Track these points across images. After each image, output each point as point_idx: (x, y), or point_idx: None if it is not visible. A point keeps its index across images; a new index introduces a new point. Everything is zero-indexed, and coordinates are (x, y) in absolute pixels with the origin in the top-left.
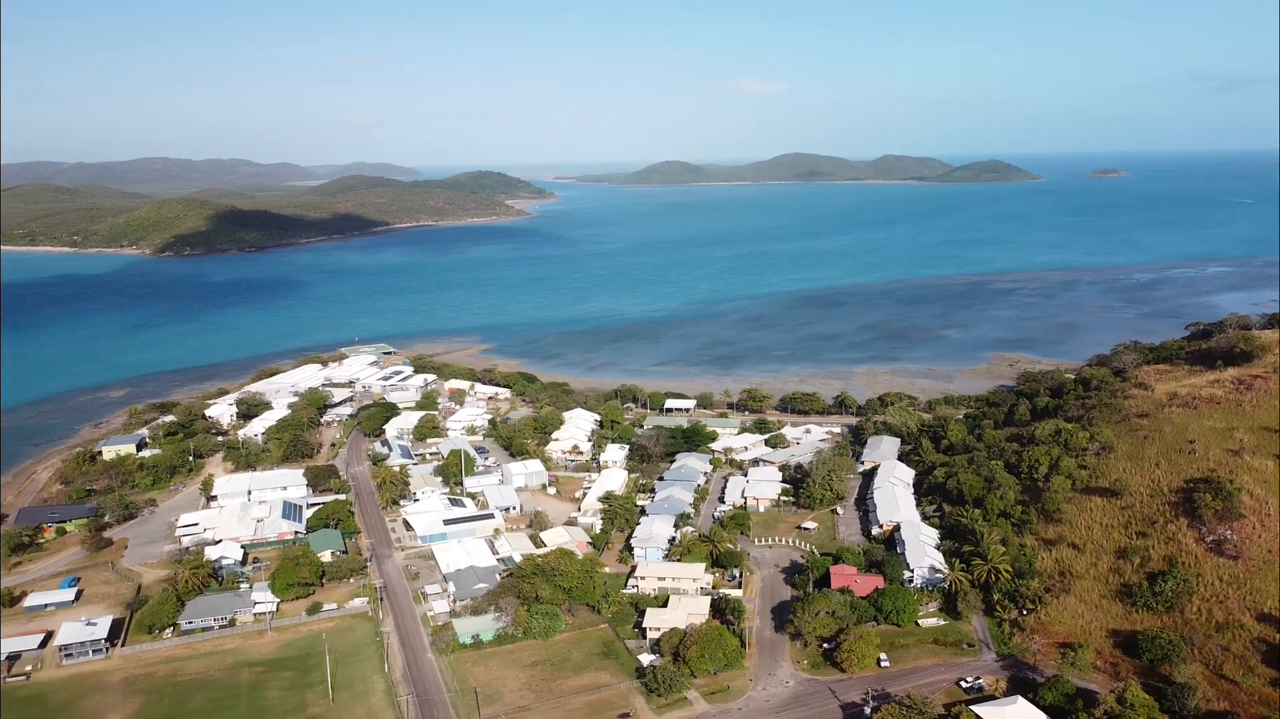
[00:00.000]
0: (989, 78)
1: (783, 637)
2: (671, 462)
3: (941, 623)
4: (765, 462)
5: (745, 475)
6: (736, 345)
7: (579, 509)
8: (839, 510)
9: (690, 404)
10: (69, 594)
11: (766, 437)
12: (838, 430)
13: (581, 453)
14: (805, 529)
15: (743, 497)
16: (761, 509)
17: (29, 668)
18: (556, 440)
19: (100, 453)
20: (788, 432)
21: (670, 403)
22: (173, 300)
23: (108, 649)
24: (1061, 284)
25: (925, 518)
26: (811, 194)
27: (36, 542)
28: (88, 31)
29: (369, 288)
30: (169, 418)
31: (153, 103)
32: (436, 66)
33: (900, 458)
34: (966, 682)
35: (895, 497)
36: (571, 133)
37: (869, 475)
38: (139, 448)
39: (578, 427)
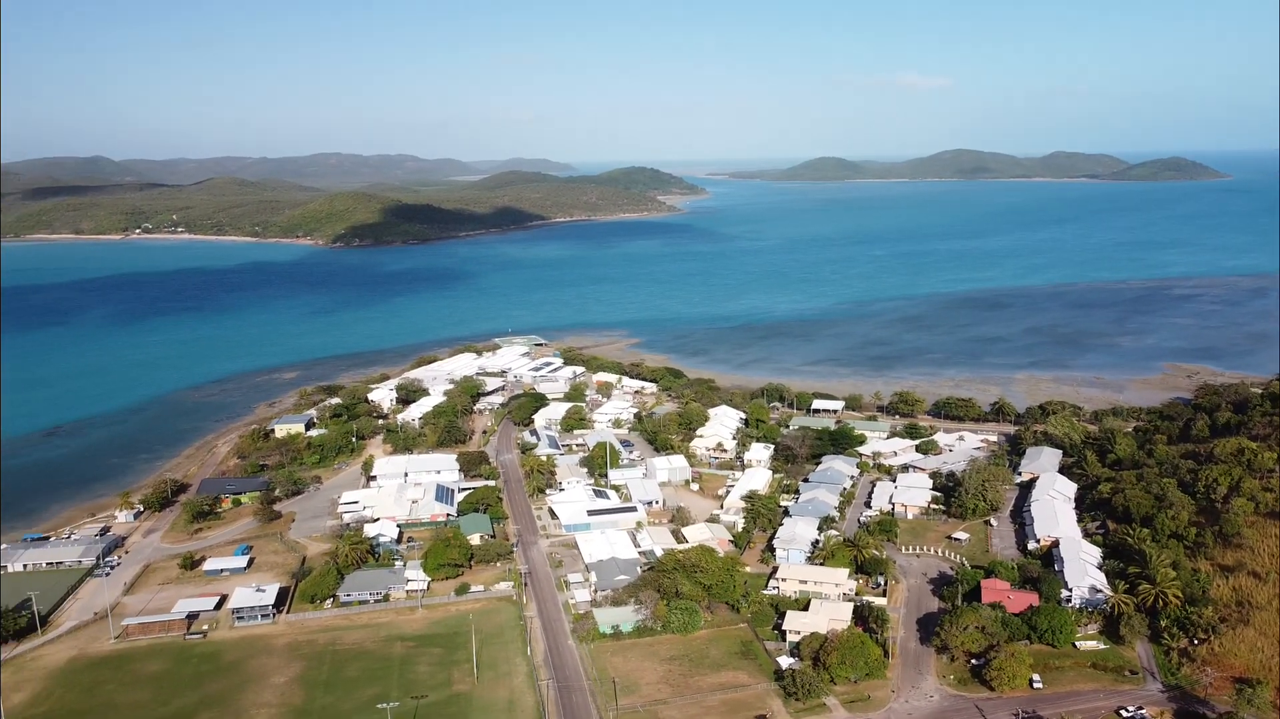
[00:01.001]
0: (1172, 69)
1: (928, 649)
2: (817, 463)
3: (1101, 647)
4: (915, 468)
5: (893, 481)
6: (890, 346)
7: (721, 507)
8: (992, 522)
9: (838, 405)
10: (242, 561)
11: (917, 442)
12: (994, 439)
13: (725, 450)
14: (956, 540)
15: (890, 503)
16: (909, 517)
17: (205, 627)
18: (701, 437)
19: (273, 431)
20: (940, 438)
21: (818, 403)
22: (349, 289)
23: (274, 615)
24: (1251, 291)
25: (1087, 535)
26: (975, 192)
27: (215, 511)
28: (275, 34)
29: (525, 280)
30: (335, 400)
31: (330, 102)
32: (593, 64)
33: (1061, 470)
34: (1127, 711)
35: (1054, 511)
36: (725, 129)
37: (1026, 487)
38: (307, 427)
39: (722, 424)
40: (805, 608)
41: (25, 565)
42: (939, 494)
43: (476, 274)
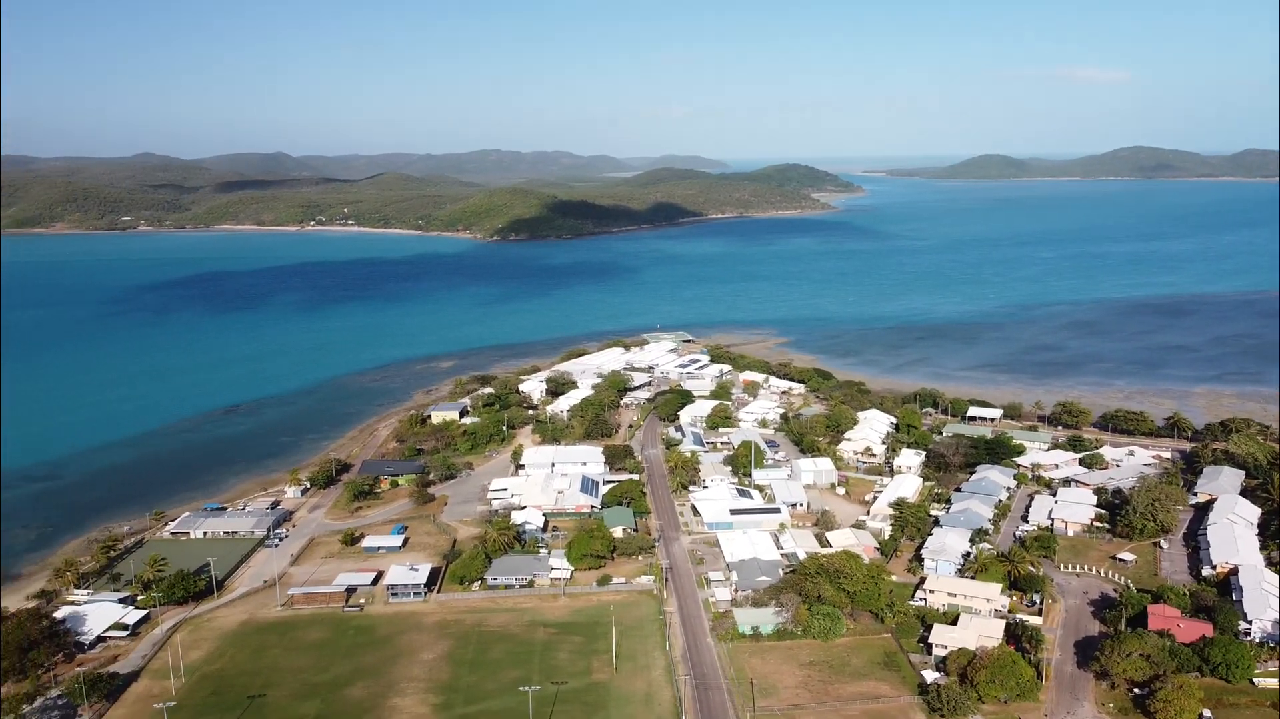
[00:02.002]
0: None
1: (1086, 674)
2: (971, 472)
3: None
4: (1078, 482)
5: (1054, 495)
6: (1055, 353)
7: (868, 513)
8: (1162, 544)
9: (996, 413)
10: (398, 540)
11: (1081, 455)
12: (1166, 455)
13: (874, 455)
14: (1121, 561)
15: (1049, 518)
16: (1070, 533)
17: (363, 601)
18: (849, 440)
19: (429, 417)
20: (1106, 452)
21: (974, 410)
22: (507, 282)
23: (426, 593)
24: None
25: (1271, 564)
26: (1154, 192)
27: (374, 491)
28: (441, 36)
29: (678, 276)
30: (488, 390)
31: (492, 100)
32: (748, 62)
33: (1243, 493)
34: None
35: (1234, 536)
36: (882, 126)
37: (1202, 509)
38: (461, 415)
39: (872, 428)
40: (954, 622)
41: (205, 533)
42: (1103, 511)
43: (630, 269)
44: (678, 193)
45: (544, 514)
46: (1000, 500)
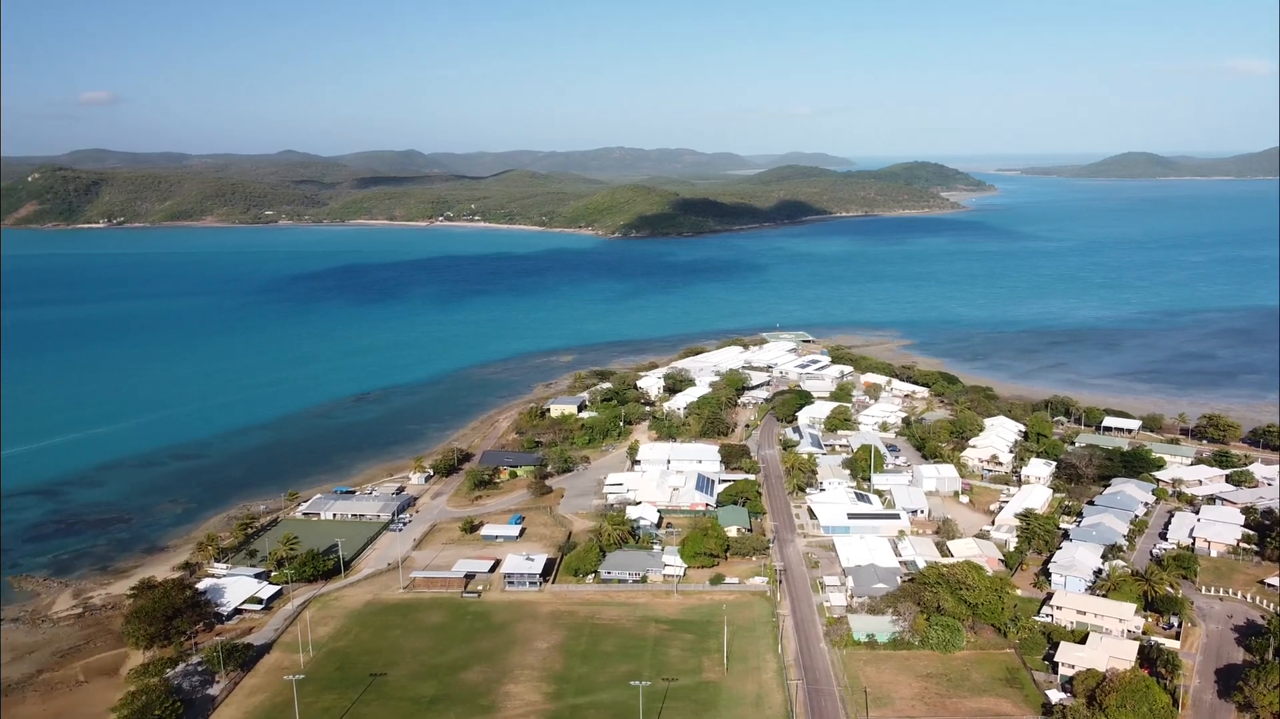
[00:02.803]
0: None
1: (1227, 704)
2: (1105, 486)
3: None
4: (1223, 500)
5: (1196, 513)
6: (1201, 363)
7: (993, 523)
8: None
9: (1134, 425)
10: (515, 530)
11: (1229, 472)
12: None
13: (1000, 463)
14: (1270, 586)
15: (1190, 536)
16: (1213, 554)
17: (480, 587)
18: (974, 447)
19: (548, 410)
20: (1257, 469)
21: (1110, 421)
22: (629, 279)
23: (540, 584)
24: None
25: None
26: None
27: (494, 480)
28: (571, 37)
29: (800, 275)
30: (606, 385)
31: (617, 97)
32: (875, 56)
33: None
34: None
35: None
36: (1017, 122)
37: None
38: (579, 409)
39: (999, 435)
40: (1082, 641)
41: (334, 514)
42: (1252, 533)
43: (752, 267)
44: (801, 190)
45: (658, 510)
46: (1137, 516)
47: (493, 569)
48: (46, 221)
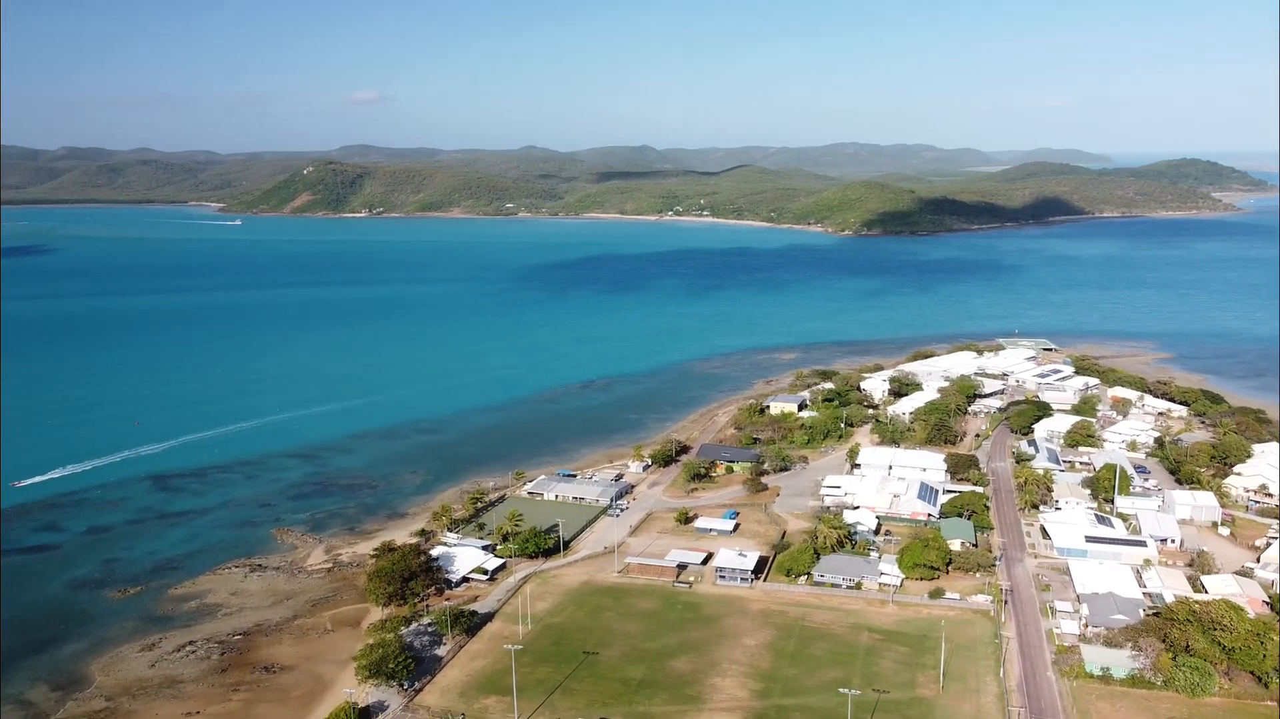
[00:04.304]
0: None
1: None
2: None
3: None
4: None
5: None
6: None
7: (1257, 560)
8: None
9: None
10: (729, 525)
11: None
12: None
13: (1271, 494)
14: None
15: None
16: None
17: (691, 579)
18: (1238, 474)
19: (768, 407)
20: None
21: None
22: (868, 278)
23: (751, 580)
24: None
25: None
26: None
27: (710, 474)
28: (800, 31)
29: (1048, 279)
30: (828, 385)
31: (849, 92)
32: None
33: None
34: None
35: None
36: None
37: None
38: (800, 408)
39: (1269, 463)
40: None
41: (556, 495)
42: None
43: (994, 269)
44: (1051, 189)
45: (877, 517)
46: None
47: (705, 561)
48: (318, 210)
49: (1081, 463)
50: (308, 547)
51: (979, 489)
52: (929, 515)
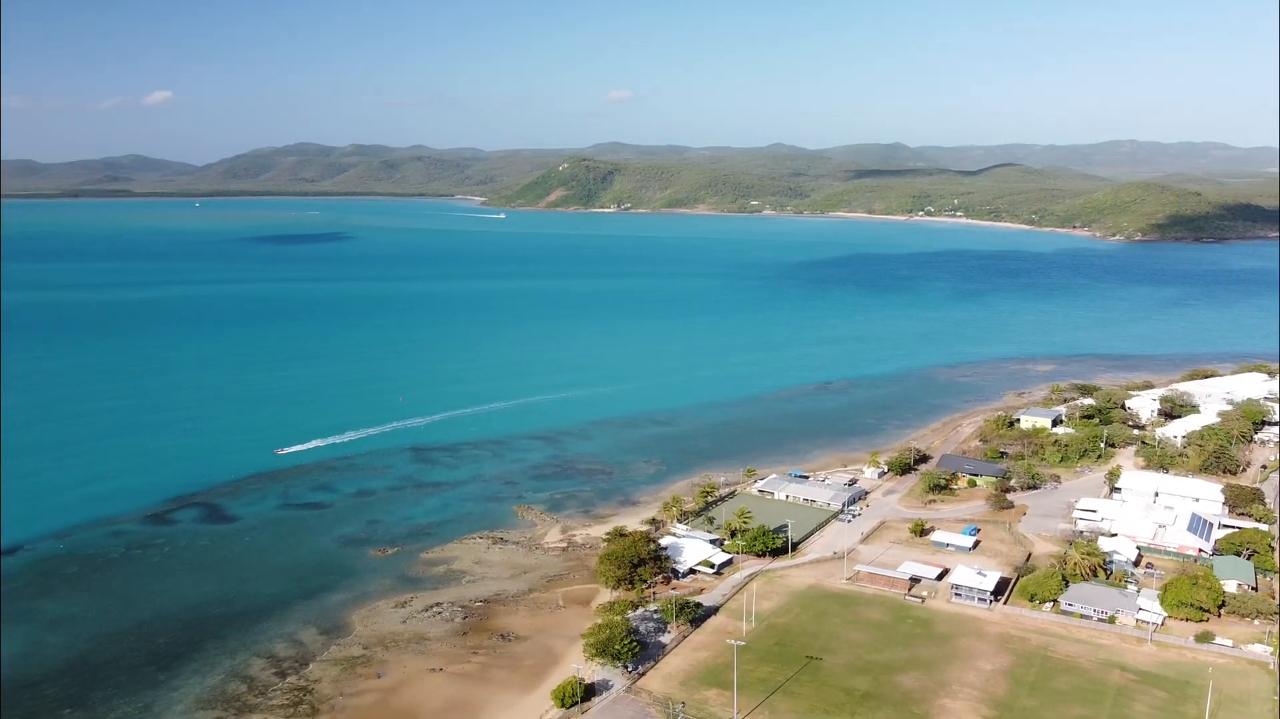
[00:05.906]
0: None
1: None
2: None
3: None
4: None
5: None
6: None
7: None
8: None
9: None
10: (968, 541)
11: None
12: None
13: None
14: None
15: None
16: None
17: (925, 593)
18: None
19: (1018, 420)
20: None
21: None
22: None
23: (990, 602)
24: None
25: None
26: None
27: (950, 486)
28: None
29: None
30: (1087, 400)
31: (1129, 84)
32: None
33: None
34: None
35: None
36: None
37: None
38: (1054, 424)
39: None
40: None
41: (786, 496)
42: None
43: None
44: None
45: (1138, 547)
46: None
47: (940, 577)
48: (570, 205)
49: None
50: (545, 525)
51: (1263, 527)
52: (1200, 551)
